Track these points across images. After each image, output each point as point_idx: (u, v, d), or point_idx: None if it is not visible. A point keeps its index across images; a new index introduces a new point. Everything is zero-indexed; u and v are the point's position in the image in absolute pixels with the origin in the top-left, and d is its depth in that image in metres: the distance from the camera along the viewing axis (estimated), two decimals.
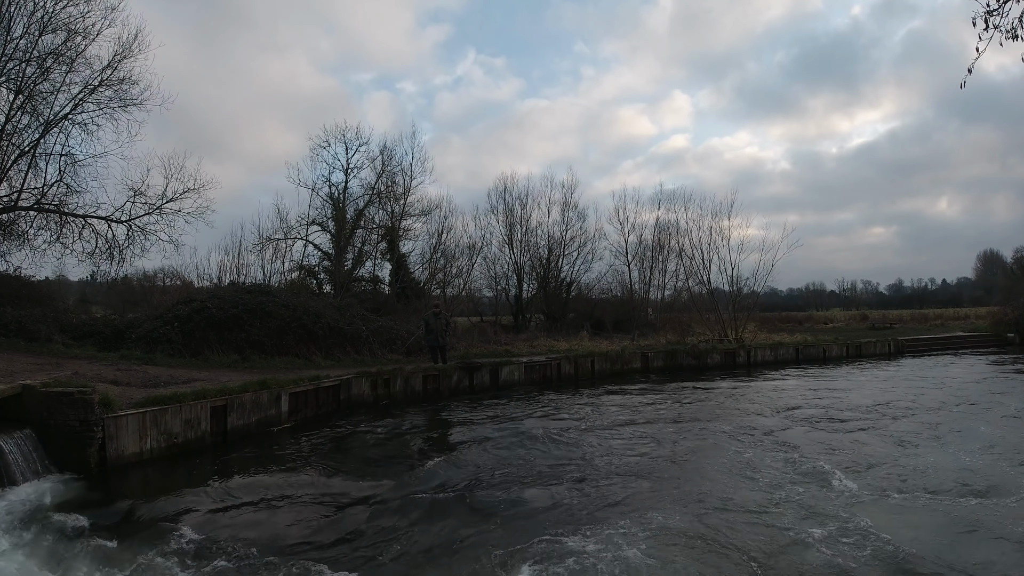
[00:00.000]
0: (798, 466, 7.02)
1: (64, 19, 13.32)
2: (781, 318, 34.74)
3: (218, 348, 12.62)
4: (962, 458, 7.30)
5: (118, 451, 6.91)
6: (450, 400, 12.34)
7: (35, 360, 9.70)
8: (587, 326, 24.27)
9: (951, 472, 6.69)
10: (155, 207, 15.05)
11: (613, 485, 6.44)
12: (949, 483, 6.29)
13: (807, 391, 13.31)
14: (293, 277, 21.28)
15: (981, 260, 54.11)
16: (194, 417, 7.93)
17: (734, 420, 9.96)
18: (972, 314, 36.89)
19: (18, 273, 14.62)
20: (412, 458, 7.78)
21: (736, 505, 5.73)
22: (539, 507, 5.80)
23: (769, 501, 5.83)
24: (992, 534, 4.95)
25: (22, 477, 5.99)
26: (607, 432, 9.11)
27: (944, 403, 11.29)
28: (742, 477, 6.70)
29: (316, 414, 10.42)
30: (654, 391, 13.60)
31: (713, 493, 6.10)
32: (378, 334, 15.39)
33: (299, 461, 7.45)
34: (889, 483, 6.37)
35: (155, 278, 20.37)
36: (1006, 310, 26.84)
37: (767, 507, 5.64)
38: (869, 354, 21.83)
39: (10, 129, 13.58)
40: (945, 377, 15.48)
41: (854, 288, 64.38)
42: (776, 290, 41.36)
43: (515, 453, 7.89)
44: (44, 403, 6.65)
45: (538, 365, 15.35)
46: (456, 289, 25.36)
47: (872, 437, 8.58)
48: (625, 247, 27.25)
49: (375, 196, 22.76)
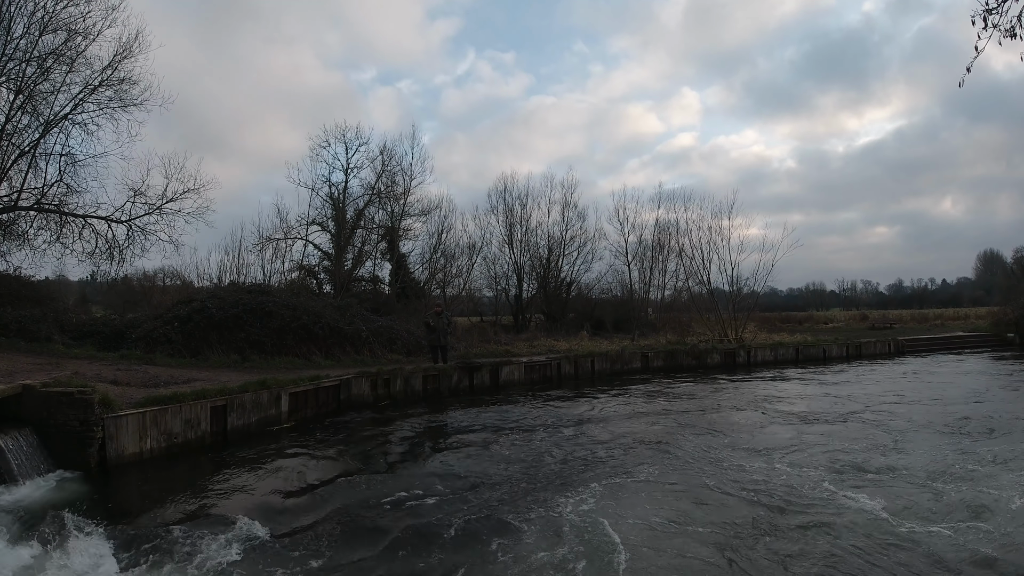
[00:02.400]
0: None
1: (64, 19, 13.34)
2: (781, 318, 34.75)
3: (218, 348, 12.62)
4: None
5: (118, 451, 6.91)
6: (450, 400, 12.33)
7: (35, 360, 9.70)
8: (587, 326, 24.27)
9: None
10: (155, 207, 15.06)
11: (615, 486, 6.44)
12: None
13: (822, 395, 13.30)
14: (293, 277, 21.30)
15: (981, 260, 54.21)
16: (194, 417, 7.93)
17: (737, 420, 9.96)
18: (972, 314, 36.89)
19: (18, 273, 14.62)
20: (411, 458, 7.78)
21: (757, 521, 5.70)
22: (537, 507, 5.80)
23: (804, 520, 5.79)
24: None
25: (22, 476, 5.99)
26: (607, 432, 9.10)
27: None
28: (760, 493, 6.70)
29: (316, 414, 10.42)
30: (654, 391, 13.60)
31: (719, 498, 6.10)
32: (378, 334, 15.39)
33: (299, 461, 7.45)
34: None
35: (155, 278, 20.41)
36: (1006, 310, 26.86)
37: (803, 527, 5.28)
38: (869, 354, 21.83)
39: (10, 129, 13.59)
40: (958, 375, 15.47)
41: (854, 288, 64.51)
42: (776, 290, 41.38)
43: (514, 453, 7.89)
44: (44, 403, 6.65)
45: (538, 365, 15.35)
46: (456, 289, 25.39)
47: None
48: (625, 247, 27.30)
49: (375, 196, 22.79)
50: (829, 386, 14.10)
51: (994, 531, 4.96)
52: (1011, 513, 5.34)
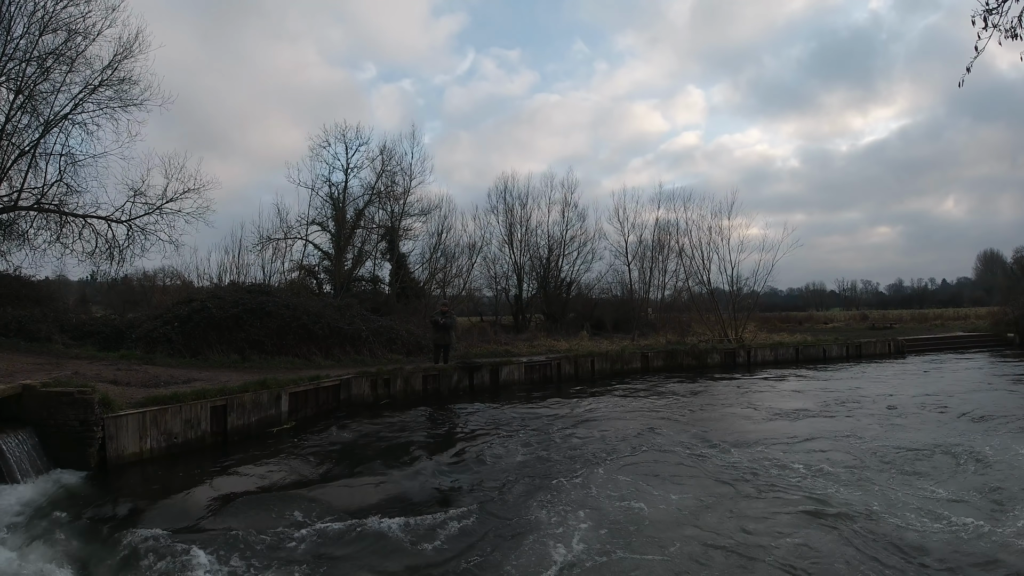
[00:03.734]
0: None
1: (64, 19, 13.37)
2: (781, 318, 34.77)
3: (218, 348, 12.62)
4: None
5: (118, 451, 6.91)
6: (450, 400, 12.33)
7: (35, 360, 9.70)
8: (587, 326, 24.27)
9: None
10: (155, 207, 15.08)
11: (617, 486, 6.44)
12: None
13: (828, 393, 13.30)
14: (293, 277, 21.31)
15: (981, 260, 54.24)
16: (194, 417, 7.93)
17: (739, 420, 9.96)
18: (972, 314, 36.90)
19: (18, 273, 14.65)
20: (411, 458, 7.77)
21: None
22: (535, 508, 5.80)
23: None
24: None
25: (22, 476, 5.98)
26: (608, 433, 9.10)
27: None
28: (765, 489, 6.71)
29: (316, 414, 10.42)
30: (654, 391, 13.59)
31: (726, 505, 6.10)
32: (378, 334, 15.39)
33: (299, 461, 7.45)
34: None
35: (155, 278, 20.44)
36: (1006, 310, 26.85)
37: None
38: (869, 354, 21.83)
39: (10, 129, 13.61)
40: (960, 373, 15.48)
41: (854, 288, 64.60)
42: (776, 290, 41.37)
43: (513, 454, 7.89)
44: (44, 403, 6.65)
45: (538, 365, 15.36)
46: (456, 289, 25.39)
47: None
48: (625, 247, 27.31)
49: (375, 196, 22.80)
50: (829, 385, 14.09)
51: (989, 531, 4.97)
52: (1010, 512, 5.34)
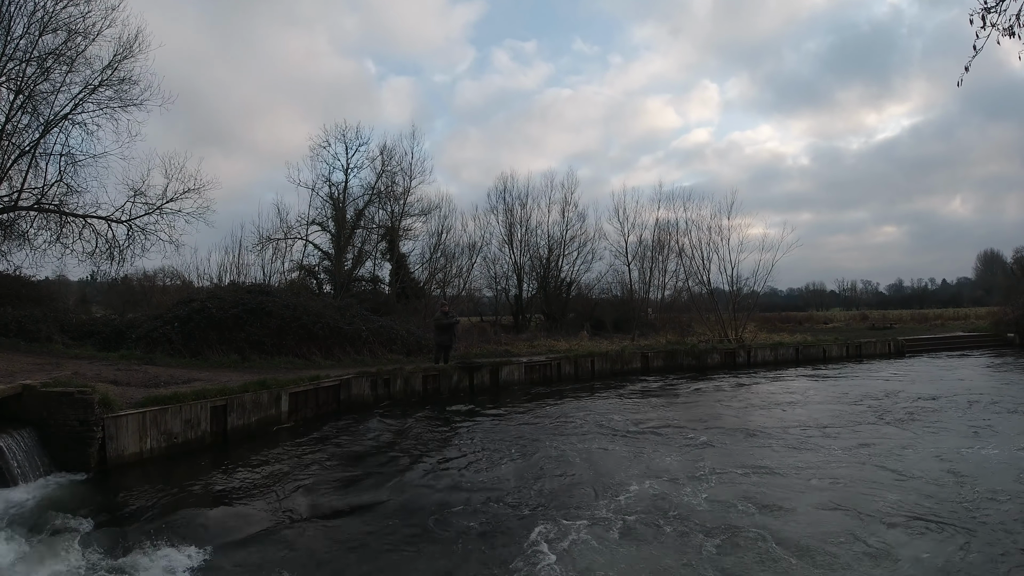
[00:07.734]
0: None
1: (64, 19, 13.37)
2: (781, 318, 34.77)
3: (218, 348, 12.62)
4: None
5: (118, 451, 6.91)
6: (450, 400, 12.33)
7: (35, 360, 9.70)
8: (587, 326, 24.28)
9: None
10: (155, 207, 15.09)
11: (618, 487, 6.44)
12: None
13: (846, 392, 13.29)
14: (293, 277, 21.32)
15: (981, 260, 54.20)
16: (194, 417, 7.93)
17: (740, 421, 9.96)
18: (972, 314, 36.90)
19: (18, 273, 14.65)
20: (410, 459, 7.77)
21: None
22: (533, 510, 5.81)
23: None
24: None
25: (22, 477, 5.98)
26: (608, 433, 9.10)
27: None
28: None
29: (316, 414, 10.42)
30: (654, 391, 13.60)
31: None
32: (378, 334, 15.39)
33: (299, 462, 7.45)
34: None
35: (155, 278, 20.43)
36: (1006, 310, 26.84)
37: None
38: (869, 354, 21.81)
39: (10, 129, 13.62)
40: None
41: (854, 288, 64.51)
42: (776, 290, 41.35)
43: (514, 453, 7.89)
44: (44, 403, 6.64)
45: (538, 365, 15.35)
46: (456, 289, 25.41)
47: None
48: (625, 247, 27.33)
49: (375, 196, 22.82)
50: (828, 384, 14.09)
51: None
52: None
